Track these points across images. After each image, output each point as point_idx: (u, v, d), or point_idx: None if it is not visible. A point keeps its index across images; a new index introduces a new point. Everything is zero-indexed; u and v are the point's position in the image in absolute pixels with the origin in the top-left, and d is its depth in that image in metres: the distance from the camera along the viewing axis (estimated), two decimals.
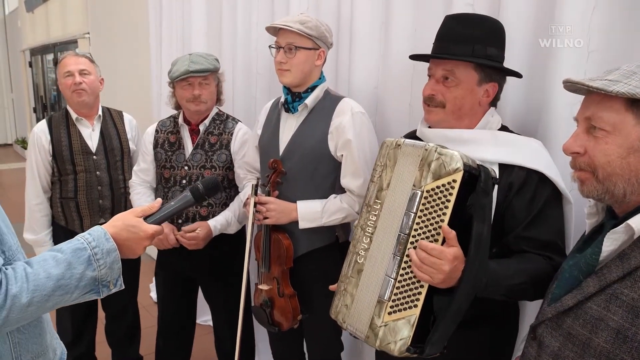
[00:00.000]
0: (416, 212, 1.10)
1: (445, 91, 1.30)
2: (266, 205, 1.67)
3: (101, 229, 1.02)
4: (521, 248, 1.20)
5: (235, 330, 2.16)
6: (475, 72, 1.28)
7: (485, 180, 1.08)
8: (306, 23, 1.62)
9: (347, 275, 1.24)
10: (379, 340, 1.11)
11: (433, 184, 1.09)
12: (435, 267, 1.04)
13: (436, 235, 1.07)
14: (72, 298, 0.98)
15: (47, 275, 0.93)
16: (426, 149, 1.12)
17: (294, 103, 1.72)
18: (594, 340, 0.85)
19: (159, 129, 2.15)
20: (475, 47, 1.26)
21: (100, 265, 0.99)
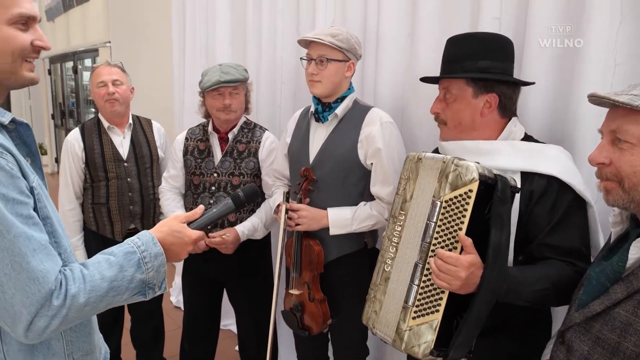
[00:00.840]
0: (436, 221, 1.18)
1: (446, 108, 1.40)
2: (298, 212, 1.75)
3: (149, 234, 1.09)
4: (544, 255, 1.26)
5: (259, 333, 2.27)
6: (467, 86, 1.36)
7: (502, 189, 1.15)
8: (337, 36, 1.71)
9: (376, 283, 1.33)
10: (404, 343, 1.19)
11: (451, 194, 1.16)
12: (451, 274, 1.12)
13: (455, 243, 1.16)
14: (123, 299, 1.05)
15: (101, 276, 0.99)
16: (444, 161, 1.20)
17: (324, 113, 1.81)
18: (623, 344, 0.91)
19: (188, 136, 2.24)
20: (465, 63, 1.35)
21: (148, 268, 1.05)
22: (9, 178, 0.91)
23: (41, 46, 1.01)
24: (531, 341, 1.39)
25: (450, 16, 1.81)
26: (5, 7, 0.94)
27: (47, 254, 0.94)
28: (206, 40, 3.22)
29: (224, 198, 1.28)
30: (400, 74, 2.02)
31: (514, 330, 1.35)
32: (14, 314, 0.91)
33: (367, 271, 1.88)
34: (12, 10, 0.95)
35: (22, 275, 0.90)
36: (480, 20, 1.67)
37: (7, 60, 0.96)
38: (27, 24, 0.98)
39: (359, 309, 1.82)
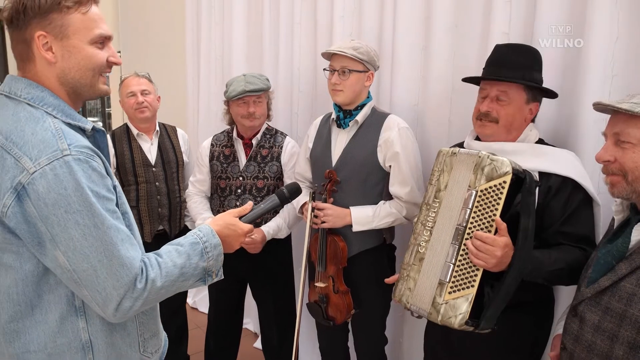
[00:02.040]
0: (472, 208, 1.36)
1: (500, 109, 1.57)
2: (324, 211, 1.92)
3: (209, 227, 1.22)
4: (558, 241, 1.46)
5: (281, 327, 2.44)
6: (524, 92, 1.55)
7: (529, 183, 1.35)
8: (359, 49, 1.90)
9: (409, 264, 1.49)
10: (441, 315, 1.36)
11: (486, 184, 1.35)
12: (489, 253, 1.30)
13: (489, 227, 1.33)
14: (189, 284, 1.17)
15: (173, 263, 1.12)
16: (479, 156, 1.39)
17: (345, 119, 1.99)
18: (629, 311, 1.09)
19: (214, 142, 2.42)
20: (525, 72, 1.55)
21: (210, 257, 1.18)
22: (100, 178, 1.04)
23: (114, 62, 1.15)
24: (541, 317, 1.60)
25: (462, 30, 2.01)
26: (89, 29, 1.08)
27: (132, 244, 1.07)
28: (222, 52, 3.40)
29: (271, 195, 1.42)
30: (414, 83, 2.21)
31: (528, 307, 1.54)
32: (106, 296, 1.03)
33: (386, 264, 2.06)
34: (93, 32, 1.09)
35: (114, 261, 1.02)
36: (490, 35, 1.86)
37: (89, 75, 1.11)
38: (103, 43, 1.13)
39: (379, 299, 2.02)
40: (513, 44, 1.68)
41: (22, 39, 1.06)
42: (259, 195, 2.32)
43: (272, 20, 2.94)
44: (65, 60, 1.08)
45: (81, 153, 1.02)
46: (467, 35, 1.99)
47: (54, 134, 1.02)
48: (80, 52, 1.09)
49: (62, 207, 0.98)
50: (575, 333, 1.22)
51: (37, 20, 1.04)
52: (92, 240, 1.01)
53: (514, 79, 1.53)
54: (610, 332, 1.12)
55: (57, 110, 1.08)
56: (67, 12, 1.05)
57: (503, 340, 1.53)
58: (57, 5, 1.04)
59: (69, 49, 1.07)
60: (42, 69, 1.08)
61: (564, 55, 1.73)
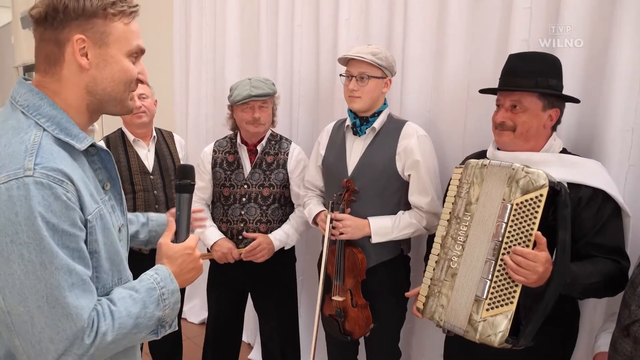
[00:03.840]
0: (507, 221, 1.35)
1: (515, 117, 1.56)
2: (342, 222, 1.89)
3: (166, 270, 1.08)
4: (590, 253, 1.46)
5: (283, 339, 2.41)
6: (539, 100, 1.55)
7: (565, 195, 1.35)
8: (378, 54, 1.87)
9: (440, 279, 1.47)
10: (479, 333, 1.34)
11: (522, 197, 1.34)
12: (530, 269, 1.29)
13: (527, 241, 1.32)
14: (140, 337, 1.02)
15: (127, 313, 0.98)
16: (513, 169, 1.38)
17: (362, 126, 1.96)
18: None
19: (216, 149, 2.36)
20: (538, 79, 1.54)
21: (166, 305, 1.05)
22: (64, 209, 0.90)
23: (141, 79, 1.09)
24: (567, 330, 1.60)
25: (477, 36, 2.00)
26: (128, 40, 1.03)
27: (85, 290, 0.93)
28: (214, 54, 3.32)
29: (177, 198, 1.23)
30: (427, 90, 2.19)
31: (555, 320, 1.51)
32: (40, 350, 0.89)
33: (403, 276, 2.04)
34: (132, 44, 1.04)
35: (57, 310, 0.89)
36: (509, 41, 1.86)
37: (121, 89, 1.04)
38: (137, 57, 1.08)
39: (395, 312, 1.99)
40: (526, 52, 1.68)
41: (54, 39, 0.98)
42: (264, 203, 2.27)
43: (270, 22, 2.90)
44: (99, 69, 1.01)
45: (47, 176, 0.89)
46: (483, 40, 1.98)
47: (27, 149, 0.91)
48: (117, 63, 1.03)
49: (8, 236, 0.86)
50: (628, 354, 1.21)
51: (78, 23, 0.97)
52: (35, 281, 0.87)
53: (525, 88, 1.53)
54: None
55: (51, 123, 0.97)
56: (111, 19, 1.00)
57: (530, 354, 1.51)
58: (103, 10, 0.98)
59: (105, 57, 1.01)
60: (70, 75, 1.00)
61: (586, 61, 1.74)
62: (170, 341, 2.71)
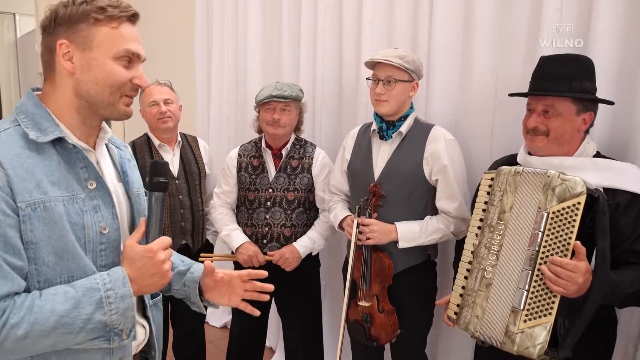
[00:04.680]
0: (544, 230, 1.31)
1: (548, 122, 1.52)
2: (369, 227, 1.86)
3: (122, 271, 1.03)
4: (629, 260, 1.41)
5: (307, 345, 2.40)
6: (573, 104, 1.50)
7: (603, 202, 1.30)
8: (405, 58, 1.85)
9: (474, 289, 1.44)
10: (517, 345, 1.30)
11: (559, 205, 1.30)
12: (570, 279, 1.25)
13: (565, 251, 1.28)
14: (78, 339, 0.98)
15: (51, 310, 0.94)
16: (548, 176, 1.33)
17: (388, 131, 1.93)
18: None
19: (241, 153, 2.35)
20: (572, 83, 1.49)
21: (112, 310, 0.99)
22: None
23: (138, 84, 1.09)
24: (606, 338, 1.54)
25: (505, 38, 1.96)
26: (114, 44, 1.04)
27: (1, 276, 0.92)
28: (236, 58, 3.32)
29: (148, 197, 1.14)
30: (453, 93, 2.15)
31: (594, 329, 1.47)
32: None
33: (430, 282, 2.01)
34: (119, 47, 1.04)
35: None
36: (538, 42, 1.81)
37: (106, 92, 1.05)
38: (131, 61, 1.07)
39: (422, 317, 1.96)
40: (557, 54, 1.63)
41: (47, 46, 1.04)
42: (289, 207, 2.26)
43: (292, 25, 2.88)
44: (84, 72, 1.04)
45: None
46: (512, 42, 1.94)
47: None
48: (100, 66, 1.04)
49: None
50: None
51: (65, 29, 1.02)
52: None
53: (558, 93, 1.48)
54: None
55: (27, 118, 1.02)
56: (95, 24, 1.02)
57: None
58: (87, 16, 1.01)
59: (89, 61, 1.03)
60: (60, 79, 1.05)
61: (620, 62, 1.69)
62: (193, 345, 2.72)
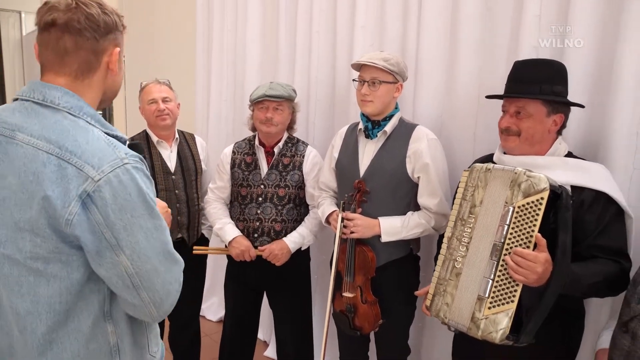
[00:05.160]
0: (509, 224, 1.40)
1: (519, 122, 1.61)
2: (353, 221, 1.95)
3: None
4: (592, 254, 1.50)
5: (298, 338, 2.48)
6: (543, 106, 1.59)
7: (566, 198, 1.39)
8: (389, 60, 1.94)
9: (445, 279, 1.53)
10: (481, 330, 1.39)
11: (524, 200, 1.39)
12: (530, 269, 1.34)
13: (527, 242, 1.37)
14: None
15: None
16: (516, 172, 1.42)
17: (373, 130, 2.03)
18: None
19: (235, 150, 2.45)
20: (543, 86, 1.58)
21: None
22: (150, 183, 1.11)
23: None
24: (572, 328, 1.64)
25: (488, 43, 2.05)
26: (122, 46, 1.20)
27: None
28: (234, 58, 3.43)
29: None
30: (439, 95, 2.25)
31: (560, 319, 1.56)
32: (165, 293, 1.11)
33: (412, 275, 2.10)
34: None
35: (169, 259, 1.11)
36: (519, 48, 1.90)
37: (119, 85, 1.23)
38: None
39: (405, 309, 2.05)
40: (531, 59, 1.72)
41: (93, 49, 1.11)
42: (280, 203, 2.35)
43: (289, 28, 2.98)
44: (118, 73, 1.20)
45: (136, 161, 1.08)
46: (494, 47, 2.03)
47: (108, 143, 1.06)
48: (121, 67, 1.21)
49: (128, 212, 1.03)
50: (626, 349, 1.25)
51: (114, 36, 1.15)
52: (154, 242, 1.08)
53: (529, 95, 1.58)
54: None
55: (95, 120, 1.11)
56: (122, 32, 1.19)
57: (536, 351, 1.56)
58: (122, 25, 1.18)
59: (119, 64, 1.19)
60: (98, 79, 1.15)
61: (595, 67, 1.78)
62: (189, 337, 2.81)
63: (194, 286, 2.75)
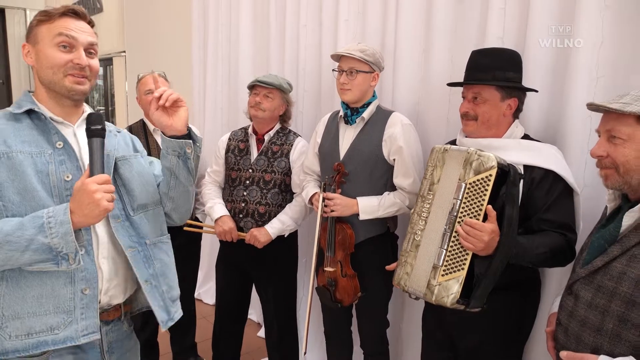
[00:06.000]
0: (462, 198, 1.54)
1: (476, 107, 1.76)
2: (333, 201, 2.11)
3: (66, 204, 1.25)
4: (541, 228, 1.64)
5: (280, 319, 2.64)
6: (497, 91, 1.73)
7: (513, 175, 1.53)
8: (365, 51, 2.08)
9: (406, 251, 1.68)
10: (435, 296, 1.54)
11: (475, 177, 1.53)
12: (477, 237, 1.48)
13: (477, 215, 1.51)
14: (25, 258, 1.22)
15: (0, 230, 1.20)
16: (468, 152, 1.56)
17: (352, 116, 2.18)
18: (619, 288, 1.23)
19: (231, 137, 2.62)
20: (496, 73, 1.73)
21: (53, 233, 1.21)
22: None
23: (77, 62, 1.35)
24: (528, 298, 1.78)
25: (459, 35, 2.20)
26: (52, 35, 1.34)
27: None
28: (229, 52, 3.59)
29: (89, 143, 1.34)
30: (415, 84, 2.39)
31: (516, 289, 1.73)
32: None
33: (389, 252, 2.25)
34: (55, 37, 1.34)
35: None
36: (485, 39, 2.05)
37: (49, 73, 1.35)
38: (71, 46, 1.35)
39: (383, 284, 2.20)
40: (486, 48, 1.87)
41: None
42: (265, 187, 2.50)
43: (278, 23, 3.13)
44: (37, 62, 1.37)
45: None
46: (465, 39, 2.17)
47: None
48: (44, 54, 1.35)
49: None
50: (569, 309, 1.36)
51: (28, 36, 1.40)
52: None
53: (483, 81, 1.72)
54: (602, 308, 1.25)
55: (15, 104, 1.39)
56: (39, 25, 1.37)
57: (493, 320, 1.72)
58: (35, 22, 1.37)
59: (38, 52, 1.36)
60: (34, 73, 1.40)
61: (553, 57, 1.91)
62: (185, 317, 2.97)
63: (189, 267, 2.91)
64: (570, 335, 1.34)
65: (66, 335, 1.30)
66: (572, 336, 1.33)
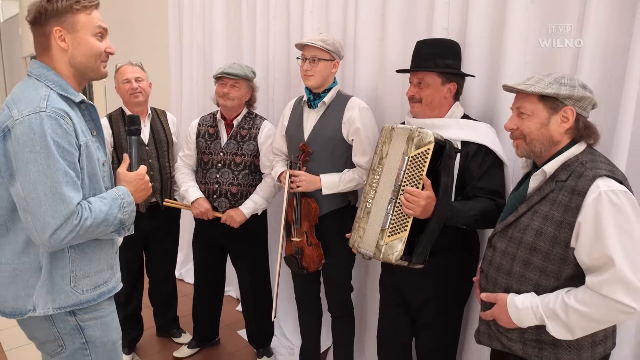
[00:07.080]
0: (405, 170, 1.79)
1: (420, 91, 2.00)
2: (299, 177, 2.34)
3: (124, 188, 1.55)
4: (475, 194, 1.90)
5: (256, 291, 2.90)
6: (438, 77, 1.97)
7: (449, 149, 1.78)
8: (326, 41, 2.31)
9: (359, 217, 1.92)
10: (382, 254, 1.79)
11: (415, 151, 1.77)
12: (415, 203, 1.73)
13: (417, 184, 1.76)
14: (108, 231, 1.47)
15: (100, 209, 1.43)
16: (411, 130, 1.81)
17: (315, 101, 2.40)
18: (524, 238, 1.49)
19: (201, 122, 2.82)
20: (437, 60, 1.96)
21: (125, 211, 1.50)
22: (64, 133, 1.36)
23: (109, 52, 1.54)
24: (467, 258, 2.04)
25: (410, 26, 2.43)
26: (91, 25, 1.48)
27: (75, 189, 1.38)
28: (203, 42, 3.78)
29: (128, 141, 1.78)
30: (374, 71, 2.62)
31: (456, 250, 1.98)
32: (44, 224, 1.32)
33: (350, 223, 2.47)
34: (94, 27, 1.48)
35: (56, 197, 1.33)
36: (433, 30, 2.28)
37: (92, 60, 1.50)
38: (102, 36, 1.51)
39: (345, 252, 2.45)
40: (428, 39, 2.09)
41: (42, 33, 1.45)
42: (236, 169, 2.72)
43: (250, 15, 3.34)
44: (74, 48, 1.47)
45: (54, 112, 1.35)
46: (415, 30, 2.41)
47: (41, 97, 1.37)
48: (85, 43, 1.48)
49: (27, 147, 1.31)
50: (489, 258, 1.62)
51: (55, 20, 1.43)
52: (44, 177, 1.32)
53: (425, 68, 1.95)
54: (512, 255, 1.52)
55: (55, 85, 1.44)
56: (76, 13, 1.45)
57: (437, 279, 1.98)
58: (70, 8, 1.44)
59: (77, 40, 1.46)
60: (57, 55, 1.47)
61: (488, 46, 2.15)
62: (166, 291, 3.21)
63: (169, 246, 3.14)
64: (489, 280, 1.60)
65: (113, 285, 1.64)
66: (490, 281, 1.59)
